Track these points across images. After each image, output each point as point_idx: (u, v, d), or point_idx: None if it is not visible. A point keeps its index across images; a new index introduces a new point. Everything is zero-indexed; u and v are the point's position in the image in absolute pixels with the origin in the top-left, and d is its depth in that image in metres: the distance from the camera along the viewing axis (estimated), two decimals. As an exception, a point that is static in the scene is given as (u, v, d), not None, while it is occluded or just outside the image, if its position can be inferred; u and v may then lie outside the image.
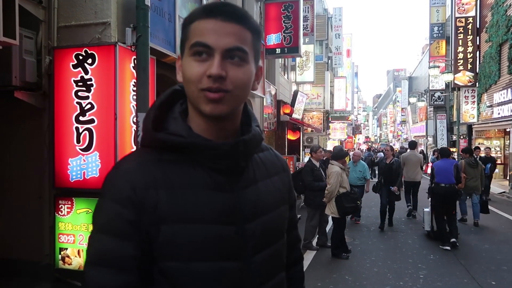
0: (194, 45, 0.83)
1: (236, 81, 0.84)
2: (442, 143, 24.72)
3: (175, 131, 0.88)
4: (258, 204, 0.94)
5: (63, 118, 4.19)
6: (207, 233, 0.86)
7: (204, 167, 0.89)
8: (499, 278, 5.14)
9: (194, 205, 0.86)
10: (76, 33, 4.36)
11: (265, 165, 1.01)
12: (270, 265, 0.97)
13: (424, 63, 32.13)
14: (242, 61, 0.85)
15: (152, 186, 0.85)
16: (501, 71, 16.38)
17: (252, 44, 0.88)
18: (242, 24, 0.85)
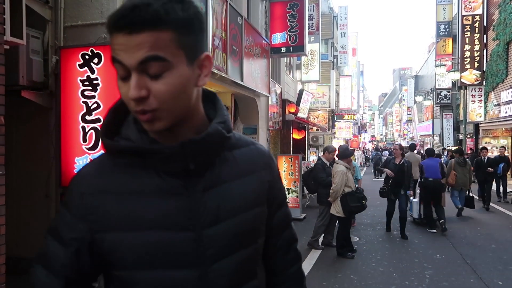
0: (113, 61, 0.77)
1: (160, 96, 0.76)
2: (448, 142, 24.57)
3: (126, 135, 0.87)
4: (222, 207, 0.88)
5: (69, 117, 4.22)
6: (156, 241, 0.82)
7: (159, 171, 0.85)
8: (506, 278, 5.10)
9: (143, 211, 0.83)
10: (82, 33, 4.38)
11: (238, 163, 0.94)
12: (236, 273, 0.89)
13: (430, 61, 31.94)
14: (161, 71, 0.75)
15: (100, 192, 0.84)
16: (508, 70, 16.24)
17: (178, 42, 0.75)
18: (154, 27, 0.73)
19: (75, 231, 0.84)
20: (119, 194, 0.84)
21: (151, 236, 0.82)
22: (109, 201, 0.83)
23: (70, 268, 0.84)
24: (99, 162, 0.89)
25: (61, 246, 0.85)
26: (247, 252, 0.91)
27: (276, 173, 1.04)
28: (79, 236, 0.84)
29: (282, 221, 1.06)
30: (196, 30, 0.79)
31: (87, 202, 0.84)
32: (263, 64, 9.52)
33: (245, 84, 7.95)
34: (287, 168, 9.24)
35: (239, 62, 7.80)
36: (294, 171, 9.18)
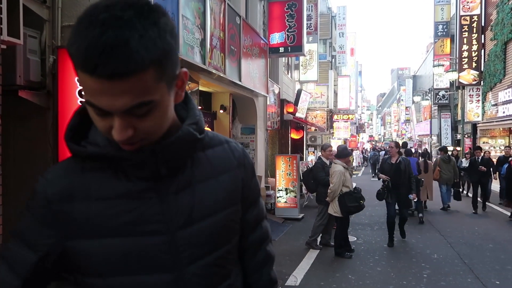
0: (89, 104, 0.73)
1: (147, 130, 0.76)
2: (446, 142, 24.61)
3: (93, 140, 0.84)
4: (195, 208, 0.86)
5: (67, 117, 4.20)
6: (129, 246, 0.80)
7: (129, 175, 0.82)
8: (504, 277, 5.11)
9: (114, 217, 0.80)
10: (79, 33, 4.37)
11: (211, 163, 0.92)
12: (212, 274, 0.88)
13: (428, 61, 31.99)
14: (148, 112, 0.73)
15: (68, 198, 0.81)
16: (506, 70, 16.28)
17: (159, 77, 0.71)
18: (137, 72, 0.67)
19: (43, 237, 0.82)
20: (88, 200, 0.81)
21: (123, 242, 0.80)
22: (78, 207, 0.81)
23: (33, 272, 0.82)
24: (66, 166, 0.86)
25: (28, 250, 0.82)
26: (221, 252, 0.90)
27: (250, 171, 1.02)
28: (47, 243, 0.82)
29: (254, 219, 1.04)
30: (173, 53, 0.74)
31: (54, 208, 0.81)
32: (261, 64, 9.52)
33: (243, 84, 7.95)
34: (285, 168, 9.24)
35: (237, 62, 7.79)
36: (292, 171, 9.18)
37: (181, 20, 5.28)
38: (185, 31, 5.44)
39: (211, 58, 6.39)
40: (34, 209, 0.83)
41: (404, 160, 6.82)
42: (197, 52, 5.87)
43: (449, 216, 9.57)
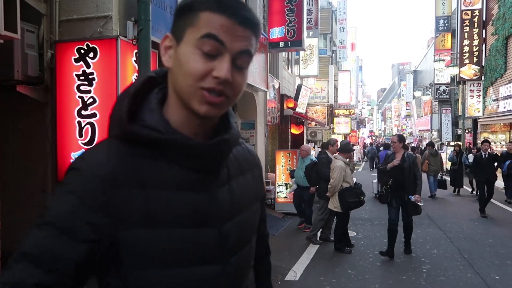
0: (206, 36, 0.75)
1: (237, 87, 0.81)
2: (447, 137, 24.59)
3: (151, 125, 0.79)
4: (233, 203, 0.89)
5: (65, 112, 4.20)
6: (183, 237, 0.79)
7: (181, 165, 0.81)
8: (503, 272, 5.11)
9: (167, 208, 0.78)
10: (77, 27, 4.35)
11: (238, 161, 0.95)
12: (245, 265, 0.93)
13: (429, 56, 31.87)
14: (245, 67, 0.82)
15: (122, 184, 0.75)
16: (507, 65, 16.22)
17: (255, 45, 0.83)
18: (254, 30, 0.80)
19: (94, 226, 0.73)
20: (142, 187, 0.77)
21: (179, 233, 0.79)
22: (134, 194, 0.76)
23: (74, 271, 0.73)
24: (116, 149, 0.79)
25: (70, 243, 0.72)
26: (251, 244, 0.96)
27: (262, 171, 1.09)
28: (98, 232, 0.74)
29: (261, 215, 1.09)
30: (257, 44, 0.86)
31: (109, 193, 0.74)
32: (261, 59, 9.47)
33: (243, 79, 7.91)
34: (285, 163, 9.23)
35: (237, 56, 7.76)
36: (292, 166, 9.17)
37: (180, 15, 5.24)
38: (184, 26, 5.41)
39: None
40: (83, 193, 0.74)
41: (410, 157, 5.88)
42: (196, 46, 5.84)
43: (449, 211, 9.57)
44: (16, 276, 0.71)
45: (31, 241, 0.74)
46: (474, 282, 4.79)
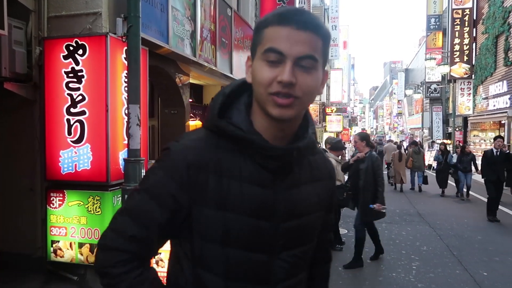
0: (267, 50, 0.87)
1: (305, 87, 0.88)
2: (437, 135, 24.79)
3: (236, 123, 0.93)
4: (296, 206, 0.98)
5: (54, 110, 4.15)
6: (243, 224, 0.92)
7: (254, 162, 0.93)
8: (491, 269, 5.18)
9: (237, 196, 0.92)
10: (66, 24, 4.29)
11: (312, 169, 1.04)
12: (295, 264, 1.01)
13: (420, 55, 32.08)
14: (311, 68, 0.88)
15: (204, 169, 0.91)
16: (497, 63, 16.37)
17: (322, 51, 0.90)
18: (314, 32, 0.88)
19: (174, 197, 0.91)
20: (220, 175, 0.92)
21: (243, 220, 0.92)
22: (211, 179, 0.91)
23: (158, 230, 0.92)
24: (205, 139, 0.95)
25: (157, 208, 0.91)
26: (306, 248, 1.04)
27: (335, 183, 1.16)
28: (177, 204, 0.91)
29: (327, 223, 1.17)
30: (329, 46, 0.95)
31: (192, 174, 0.91)
32: (253, 57, 9.45)
33: (234, 77, 7.90)
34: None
35: (229, 54, 7.74)
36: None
37: (170, 11, 5.21)
38: (175, 23, 5.38)
39: (202, 50, 6.33)
40: (172, 170, 0.92)
41: (370, 158, 5.20)
42: (187, 44, 5.81)
43: (439, 209, 9.66)
44: (118, 226, 0.94)
45: (131, 201, 0.95)
46: (463, 278, 4.84)
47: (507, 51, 15.14)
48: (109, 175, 4.00)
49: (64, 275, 4.26)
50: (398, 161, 12.59)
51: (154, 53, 5.09)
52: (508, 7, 15.01)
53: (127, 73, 3.68)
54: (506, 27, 15.21)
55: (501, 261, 5.50)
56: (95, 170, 4.04)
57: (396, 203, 10.39)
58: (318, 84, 0.92)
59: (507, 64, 15.12)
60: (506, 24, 15.23)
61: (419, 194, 11.83)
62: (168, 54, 5.43)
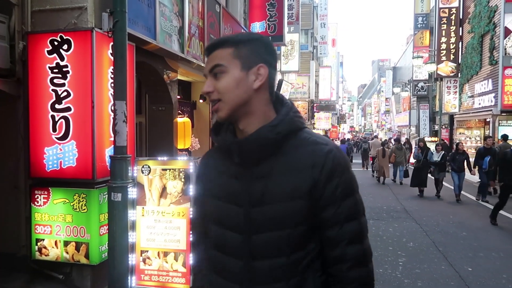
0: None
1: (220, 89, 1.11)
2: (424, 132, 25.07)
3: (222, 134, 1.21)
4: (266, 194, 1.11)
5: (38, 106, 4.07)
6: (219, 207, 1.19)
7: (230, 159, 1.16)
8: (476, 264, 5.26)
9: (217, 186, 1.20)
10: (51, 18, 4.21)
11: (289, 161, 1.12)
12: (269, 247, 1.12)
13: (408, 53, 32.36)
14: (221, 73, 1.11)
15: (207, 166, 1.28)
16: (482, 62, 16.61)
17: (234, 55, 1.10)
18: (218, 48, 1.12)
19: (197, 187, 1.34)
20: (212, 169, 1.24)
21: (221, 205, 1.19)
22: (207, 172, 1.26)
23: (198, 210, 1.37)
24: (215, 147, 1.29)
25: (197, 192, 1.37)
26: (281, 233, 1.11)
27: (328, 173, 1.10)
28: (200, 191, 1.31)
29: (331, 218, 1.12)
30: (248, 47, 1.12)
31: (201, 170, 1.30)
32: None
33: (223, 73, 7.86)
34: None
35: (217, 51, 7.69)
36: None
37: (158, 7, 5.15)
38: (162, 18, 5.32)
39: (190, 47, 6.29)
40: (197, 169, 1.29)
41: None
42: (175, 40, 5.76)
43: (425, 206, 9.78)
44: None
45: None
46: (448, 274, 4.91)
47: (492, 50, 15.37)
48: (95, 173, 3.95)
49: (49, 273, 4.19)
50: (382, 157, 14.01)
51: (141, 49, 5.03)
52: (493, 7, 15.23)
53: (113, 69, 3.63)
54: (491, 27, 15.44)
55: (485, 257, 5.59)
56: (80, 167, 3.98)
57: (383, 200, 10.49)
58: (234, 82, 1.10)
59: (492, 63, 15.35)
60: (491, 23, 15.46)
61: (405, 191, 11.93)
62: (155, 50, 5.37)
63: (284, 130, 1.11)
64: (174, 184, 3.55)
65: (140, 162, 3.65)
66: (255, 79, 1.11)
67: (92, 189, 3.99)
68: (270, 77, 1.14)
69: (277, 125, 1.11)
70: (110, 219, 3.47)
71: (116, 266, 3.43)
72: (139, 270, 3.61)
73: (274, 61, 1.17)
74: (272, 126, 1.11)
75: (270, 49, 1.15)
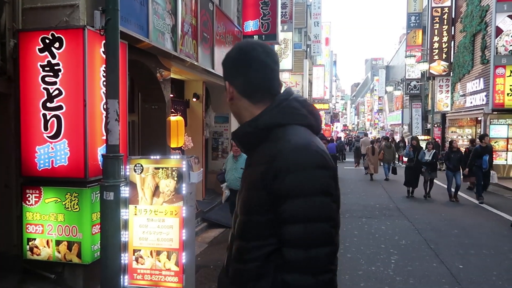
0: None
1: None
2: (417, 131, 25.26)
3: None
4: (244, 181, 1.25)
5: (29, 104, 4.04)
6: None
7: None
8: (467, 261, 5.32)
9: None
10: (42, 16, 4.17)
11: (259, 154, 1.19)
12: (239, 230, 1.22)
13: (401, 52, 32.52)
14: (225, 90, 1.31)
15: None
16: (474, 61, 16.75)
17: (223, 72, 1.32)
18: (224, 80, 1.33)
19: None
20: None
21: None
22: None
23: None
24: None
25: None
26: (243, 218, 1.20)
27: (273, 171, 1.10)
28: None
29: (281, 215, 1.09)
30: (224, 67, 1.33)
31: None
32: (235, 52, 9.39)
33: (216, 72, 7.85)
34: (259, 157, 9.23)
35: (210, 49, 7.68)
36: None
37: (150, 5, 5.13)
38: (155, 16, 5.29)
39: (183, 45, 6.27)
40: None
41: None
42: (168, 38, 5.74)
43: (418, 204, 9.85)
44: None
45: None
46: (439, 271, 4.96)
47: (483, 49, 15.51)
48: (87, 171, 3.93)
49: (41, 273, 4.16)
50: (371, 154, 14.93)
51: (134, 47, 5.00)
52: (485, 6, 15.35)
53: (106, 68, 3.61)
54: (483, 26, 15.57)
55: (476, 254, 5.65)
56: (72, 166, 3.95)
57: (376, 198, 10.55)
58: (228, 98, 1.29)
59: (483, 62, 15.48)
60: (483, 23, 15.59)
61: (398, 189, 11.96)
62: (148, 48, 5.35)
63: (262, 124, 1.20)
64: (167, 183, 3.54)
65: (133, 161, 3.64)
66: (227, 94, 1.29)
67: (84, 188, 3.97)
68: (240, 88, 1.25)
69: (256, 120, 1.21)
70: (103, 218, 3.45)
71: (109, 265, 3.42)
72: (131, 269, 3.60)
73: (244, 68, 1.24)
74: (252, 121, 1.22)
75: (236, 62, 1.27)
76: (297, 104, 1.23)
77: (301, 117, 1.22)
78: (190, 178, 3.59)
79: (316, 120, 1.27)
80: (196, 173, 3.72)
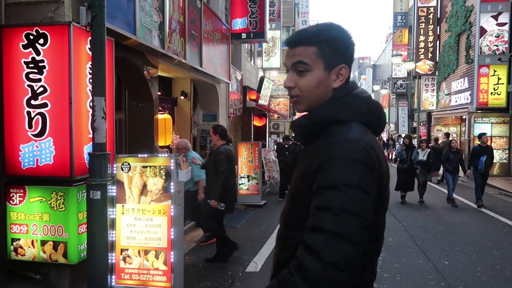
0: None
1: (301, 87, 1.20)
2: (403, 129, 25.57)
3: None
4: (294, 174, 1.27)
5: (13, 101, 3.95)
6: None
7: None
8: (452, 258, 5.40)
9: None
10: (26, 11, 4.08)
11: (312, 148, 1.20)
12: (285, 217, 1.26)
13: (388, 51, 32.85)
14: (305, 71, 1.18)
15: None
16: (459, 61, 17.01)
17: (318, 54, 1.17)
18: (302, 45, 1.18)
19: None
20: None
21: None
22: None
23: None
24: None
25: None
26: (290, 207, 1.24)
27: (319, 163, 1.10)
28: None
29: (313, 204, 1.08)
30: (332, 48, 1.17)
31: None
32: (223, 50, 9.38)
33: (204, 70, 7.81)
34: (247, 155, 9.24)
35: (198, 47, 7.63)
36: (254, 158, 9.20)
37: (137, 1, 5.06)
38: (142, 13, 5.23)
39: (170, 42, 6.21)
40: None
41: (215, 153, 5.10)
42: (155, 35, 5.68)
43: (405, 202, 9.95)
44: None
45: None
46: (425, 267, 5.02)
47: (468, 49, 15.75)
48: (73, 170, 3.86)
49: (25, 274, 4.09)
50: None
51: (121, 44, 4.94)
52: (470, 7, 15.59)
53: (92, 65, 3.55)
54: (467, 26, 15.81)
55: (461, 250, 5.74)
56: (58, 164, 3.88)
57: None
58: (315, 81, 1.18)
59: (468, 62, 15.73)
60: (467, 23, 15.83)
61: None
62: (135, 45, 5.28)
63: (316, 119, 1.19)
64: (154, 182, 3.51)
65: (120, 159, 3.59)
66: (335, 78, 1.19)
67: (70, 187, 3.90)
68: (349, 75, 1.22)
69: (312, 113, 1.21)
70: (89, 217, 3.40)
71: (96, 265, 3.37)
72: (119, 269, 3.56)
73: (353, 56, 1.23)
74: (309, 114, 1.22)
75: (350, 47, 1.21)
76: (356, 100, 1.19)
77: (359, 114, 1.18)
78: (178, 177, 3.56)
79: (378, 119, 1.22)
80: (185, 171, 3.70)
